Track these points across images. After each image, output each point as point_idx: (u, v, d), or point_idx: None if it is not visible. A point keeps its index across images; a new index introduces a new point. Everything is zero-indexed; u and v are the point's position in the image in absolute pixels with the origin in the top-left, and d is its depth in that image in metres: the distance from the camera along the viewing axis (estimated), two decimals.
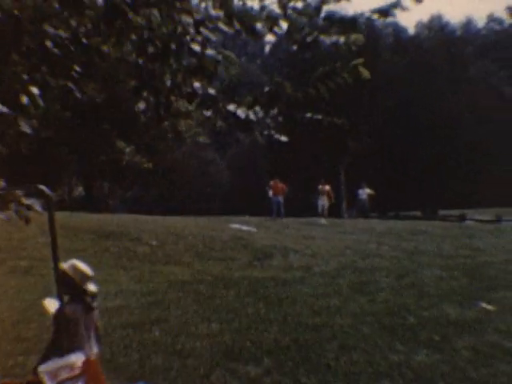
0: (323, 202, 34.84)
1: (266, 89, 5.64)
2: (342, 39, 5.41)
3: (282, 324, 10.66)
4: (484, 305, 11.76)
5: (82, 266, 6.21)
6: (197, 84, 5.55)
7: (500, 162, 73.36)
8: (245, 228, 25.14)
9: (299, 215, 35.52)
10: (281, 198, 33.21)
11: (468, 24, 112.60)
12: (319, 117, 5.79)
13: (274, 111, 5.62)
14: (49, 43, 5.02)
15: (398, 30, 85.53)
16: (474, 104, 77.92)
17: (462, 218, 40.34)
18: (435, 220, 41.02)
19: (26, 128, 5.34)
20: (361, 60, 5.51)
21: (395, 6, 5.26)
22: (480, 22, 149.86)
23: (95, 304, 6.23)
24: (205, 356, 8.72)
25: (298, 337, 9.74)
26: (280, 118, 5.74)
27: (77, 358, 4.76)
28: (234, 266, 17.18)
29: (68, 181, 52.75)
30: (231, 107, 5.54)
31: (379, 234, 24.38)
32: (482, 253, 18.96)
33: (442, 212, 52.54)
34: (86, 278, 6.13)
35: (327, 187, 35.45)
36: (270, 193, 33.27)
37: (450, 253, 19.13)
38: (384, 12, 5.37)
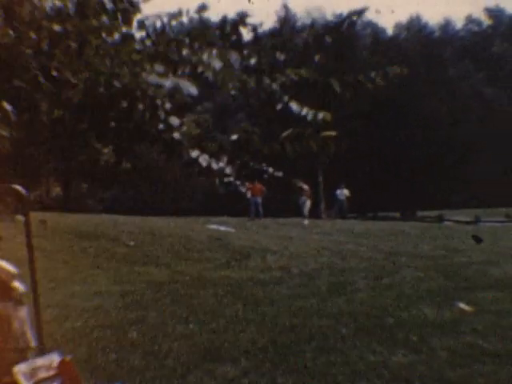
0: (303, 203, 34.87)
1: (234, 137, 5.64)
2: (310, 115, 5.47)
3: (260, 325, 10.64)
4: (462, 305, 11.81)
5: (6, 265, 6.14)
6: (161, 126, 5.52)
7: (480, 163, 73.80)
8: (223, 228, 25.15)
9: (280, 216, 35.59)
10: (259, 199, 33.32)
11: (447, 25, 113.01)
12: (280, 174, 5.81)
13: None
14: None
15: (377, 31, 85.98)
16: (452, 105, 78.35)
17: (441, 219, 40.54)
18: (413, 221, 41.25)
19: (3, 131, 5.29)
20: (332, 133, 5.56)
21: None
22: (458, 23, 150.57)
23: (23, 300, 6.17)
24: (182, 357, 8.67)
25: (276, 337, 9.73)
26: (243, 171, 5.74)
27: (53, 358, 4.71)
28: (212, 266, 17.16)
29: (45, 180, 52.48)
30: (195, 153, 5.50)
31: (357, 234, 24.48)
32: (460, 253, 19.05)
33: (420, 213, 52.75)
34: (11, 276, 6.07)
35: (306, 187, 35.50)
36: (249, 194, 33.33)
37: (428, 253, 19.21)
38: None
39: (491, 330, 10.03)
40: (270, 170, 5.79)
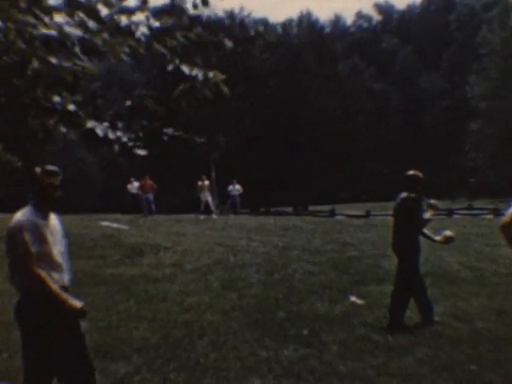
0: (206, 198, 34.79)
1: (128, 103, 5.58)
2: (200, 75, 5.46)
3: (152, 321, 10.58)
4: (353, 298, 12.01)
5: None
6: (57, 98, 5.42)
7: (371, 157, 75.30)
8: (116, 226, 24.88)
9: (185, 212, 35.56)
10: (150, 196, 33.21)
11: (337, 21, 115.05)
12: (179, 133, 5.78)
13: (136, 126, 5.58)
14: None
15: (268, 27, 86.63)
16: (343, 100, 79.63)
17: (332, 214, 40.98)
18: (306, 216, 41.64)
19: None
20: (221, 76, 5.56)
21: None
22: (349, 19, 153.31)
23: None
24: None
25: (168, 334, 9.69)
26: (141, 134, 5.69)
27: None
28: (105, 263, 16.93)
29: None
30: (91, 123, 5.42)
31: (250, 230, 24.57)
32: (351, 247, 19.34)
33: (312, 207, 53.32)
34: None
35: (207, 182, 35.42)
36: (135, 190, 33.43)
37: (320, 248, 19.43)
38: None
39: (383, 323, 10.25)
40: (170, 131, 5.77)
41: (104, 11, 5.47)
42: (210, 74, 5.53)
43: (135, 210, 33.48)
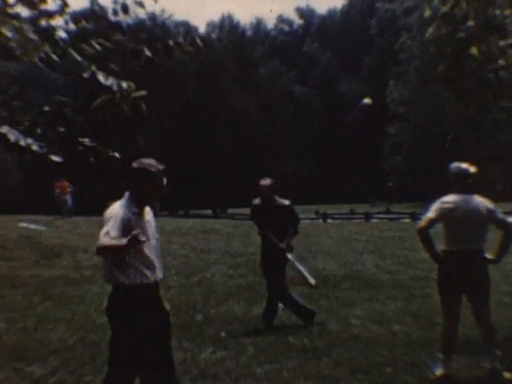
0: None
1: (46, 108, 5.56)
2: (115, 85, 5.48)
3: (70, 323, 10.55)
4: None
5: None
6: None
7: (291, 160, 75.72)
8: (34, 227, 24.55)
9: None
10: (67, 197, 32.88)
11: (258, 25, 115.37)
12: (94, 145, 5.79)
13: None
14: None
15: (190, 30, 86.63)
16: (263, 104, 79.94)
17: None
18: (225, 218, 41.77)
19: None
20: (142, 92, 5.59)
21: None
22: (270, 22, 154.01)
23: None
24: None
25: (85, 336, 9.68)
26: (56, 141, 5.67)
27: None
28: (22, 265, 16.73)
29: None
30: (4, 128, 5.38)
31: (169, 232, 24.53)
32: None
33: (231, 210, 53.47)
34: None
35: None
36: (57, 191, 33.01)
37: (239, 250, 19.56)
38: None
39: (300, 326, 10.41)
40: (86, 141, 5.77)
41: (24, 12, 5.46)
42: (124, 85, 5.54)
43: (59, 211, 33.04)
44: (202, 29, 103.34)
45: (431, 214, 7.89)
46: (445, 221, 7.90)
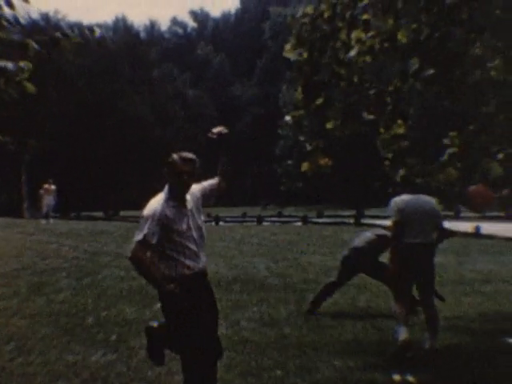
0: (49, 202, 34.01)
1: None
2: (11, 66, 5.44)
3: None
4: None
5: None
6: None
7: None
8: None
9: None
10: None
11: (152, 27, 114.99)
12: None
13: None
14: None
15: (83, 31, 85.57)
16: (157, 106, 79.67)
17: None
18: (117, 221, 41.48)
19: None
20: (25, 75, 5.55)
21: None
22: (164, 25, 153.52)
23: None
24: None
25: None
26: None
27: None
28: None
29: None
30: None
31: (60, 234, 24.22)
32: None
33: (124, 213, 53.09)
34: None
35: (53, 187, 34.63)
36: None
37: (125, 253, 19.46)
38: None
39: None
40: None
41: None
42: (22, 64, 5.51)
43: None
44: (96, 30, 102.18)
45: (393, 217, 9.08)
46: (400, 217, 8.97)
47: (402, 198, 9.04)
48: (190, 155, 6.12)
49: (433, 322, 9.07)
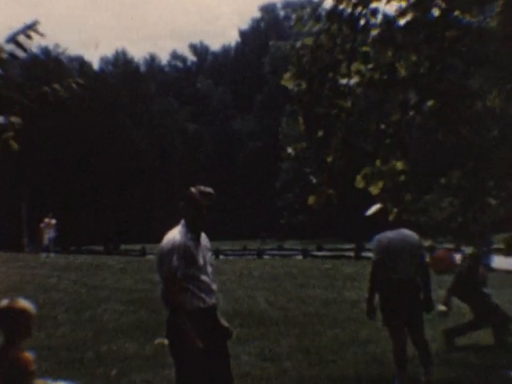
0: (50, 236, 34.16)
1: None
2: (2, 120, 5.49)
3: None
4: (159, 340, 11.97)
5: None
6: None
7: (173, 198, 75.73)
8: None
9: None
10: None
11: (152, 60, 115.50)
12: None
13: None
14: None
15: (84, 64, 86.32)
16: (157, 139, 79.85)
17: (143, 252, 41.03)
18: (117, 255, 41.43)
19: None
20: (10, 134, 5.57)
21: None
22: (164, 58, 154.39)
23: None
24: None
25: None
26: None
27: None
28: None
29: None
30: None
31: (60, 268, 24.17)
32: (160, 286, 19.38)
33: (124, 246, 53.01)
34: None
35: (53, 221, 34.77)
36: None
37: (131, 287, 19.38)
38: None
39: None
40: None
41: None
42: (13, 119, 5.53)
43: None
44: (95, 64, 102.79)
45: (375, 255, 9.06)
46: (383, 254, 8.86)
47: (387, 236, 8.96)
48: (208, 189, 6.14)
49: (425, 355, 8.98)
